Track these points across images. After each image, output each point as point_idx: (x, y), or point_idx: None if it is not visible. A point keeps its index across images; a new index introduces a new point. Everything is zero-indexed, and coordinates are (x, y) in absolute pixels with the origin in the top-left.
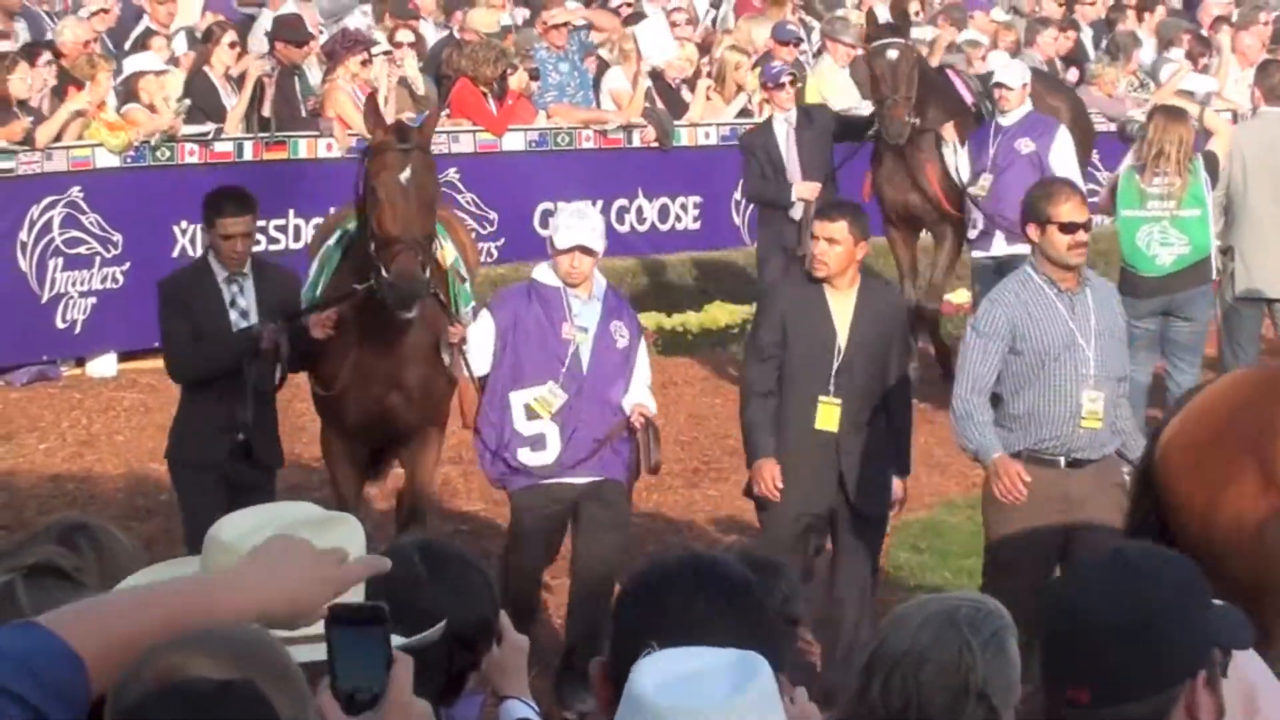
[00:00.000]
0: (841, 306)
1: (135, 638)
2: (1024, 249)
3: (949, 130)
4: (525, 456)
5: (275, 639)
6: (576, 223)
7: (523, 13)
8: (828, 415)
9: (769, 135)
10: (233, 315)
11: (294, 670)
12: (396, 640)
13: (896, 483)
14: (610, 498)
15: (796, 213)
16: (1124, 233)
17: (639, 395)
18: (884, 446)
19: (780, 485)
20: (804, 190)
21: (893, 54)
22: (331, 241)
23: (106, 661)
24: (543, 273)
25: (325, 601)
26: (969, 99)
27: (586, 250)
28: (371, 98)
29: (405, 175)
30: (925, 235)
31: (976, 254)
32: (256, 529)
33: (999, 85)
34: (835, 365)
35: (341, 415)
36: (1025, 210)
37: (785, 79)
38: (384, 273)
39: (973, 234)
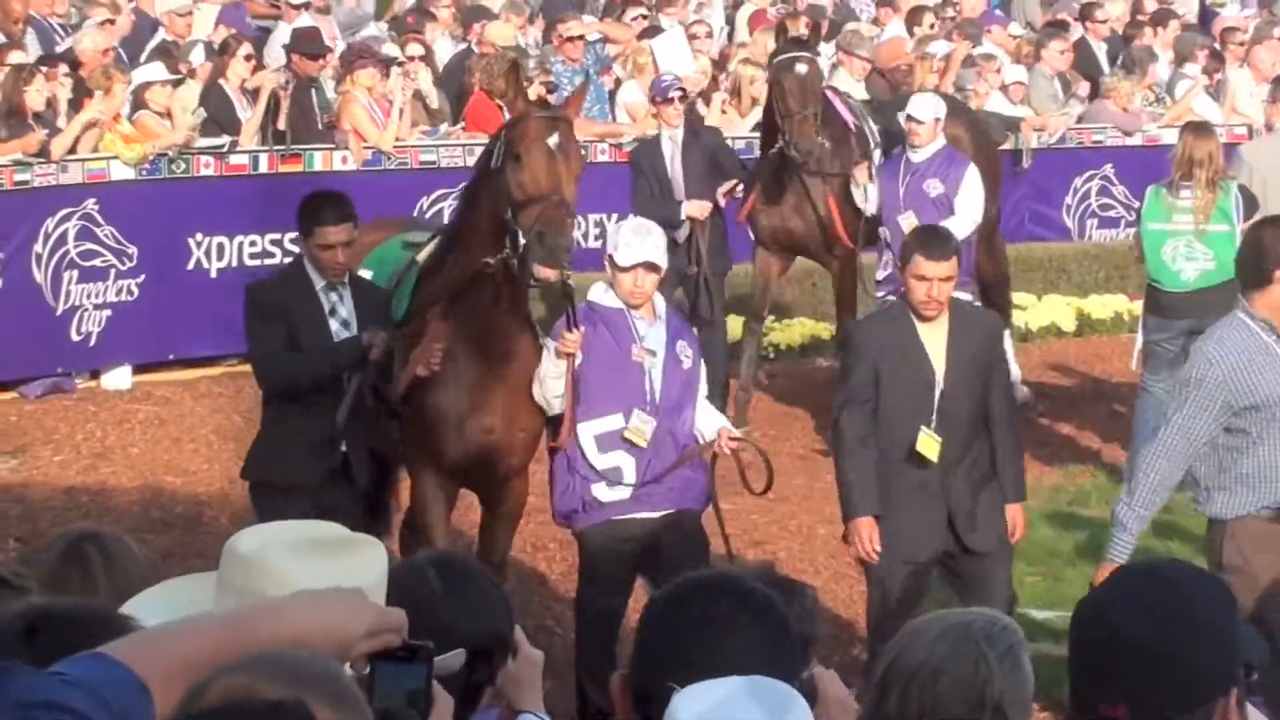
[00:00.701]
0: (935, 338)
1: (192, 664)
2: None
3: (860, 171)
4: (600, 492)
5: (337, 664)
6: (640, 239)
7: (539, 29)
8: (929, 448)
9: (656, 152)
10: (333, 325)
11: (354, 692)
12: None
13: (1011, 509)
14: (689, 529)
15: (682, 234)
16: (1149, 247)
17: (713, 418)
18: (991, 476)
19: (879, 547)
20: (693, 209)
21: (802, 68)
22: (396, 266)
23: (168, 688)
24: (601, 294)
25: (363, 637)
26: (850, 121)
27: (651, 267)
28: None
29: (553, 140)
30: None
31: (882, 294)
32: (275, 542)
33: (910, 119)
34: (936, 402)
35: (439, 451)
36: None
37: (674, 94)
38: (522, 238)
39: (881, 274)
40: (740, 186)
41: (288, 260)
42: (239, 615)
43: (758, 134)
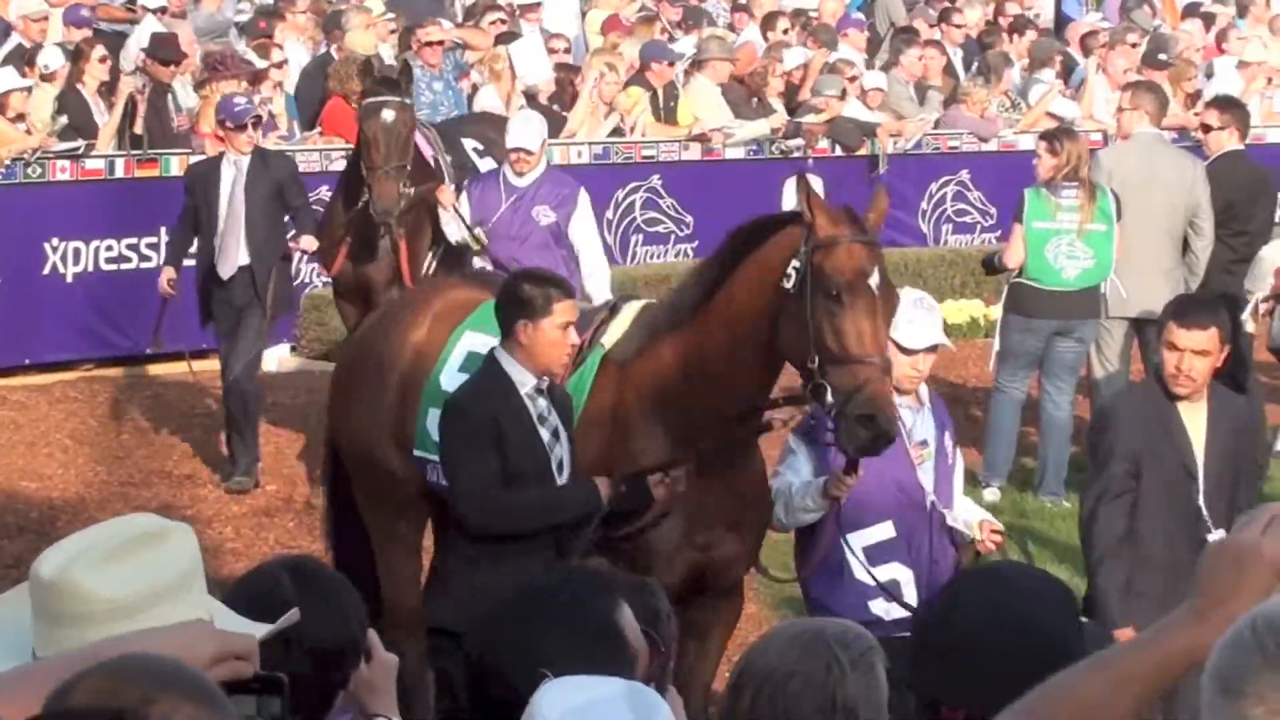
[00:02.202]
0: (1195, 420)
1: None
2: None
3: (446, 195)
4: (879, 609)
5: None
6: (924, 315)
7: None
8: None
9: (213, 176)
10: (544, 435)
11: (219, 692)
12: (259, 628)
13: None
14: None
15: (226, 270)
16: (1032, 245)
17: (970, 509)
18: None
19: None
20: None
21: (389, 115)
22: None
23: None
24: None
25: (209, 665)
26: (428, 153)
27: (934, 350)
28: None
29: (874, 279)
30: None
31: None
32: (75, 559)
33: (518, 150)
34: (1200, 495)
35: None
36: None
37: (249, 119)
38: (839, 397)
39: None
40: (314, 242)
41: (143, 265)
42: (85, 655)
43: (614, 140)
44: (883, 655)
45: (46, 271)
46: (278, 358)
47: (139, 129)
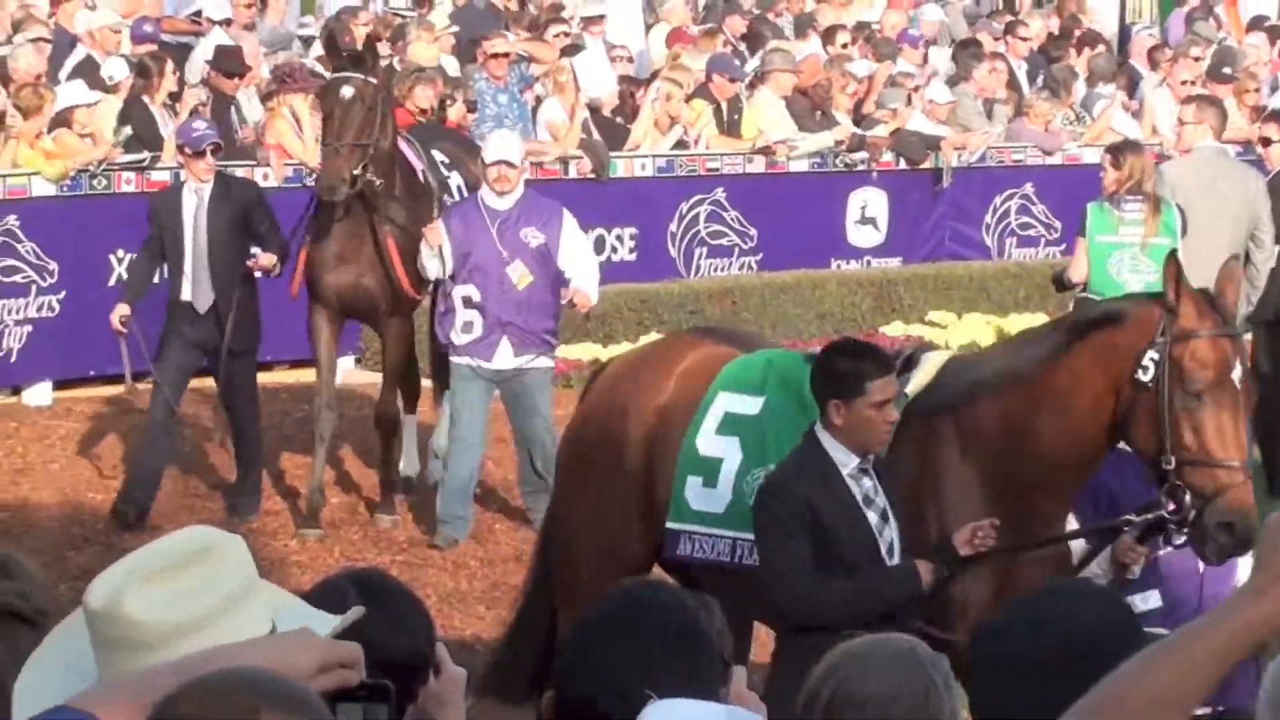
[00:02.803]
0: None
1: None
2: (540, 362)
3: (434, 233)
4: None
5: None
6: None
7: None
8: None
9: (175, 205)
10: (871, 519)
11: (322, 707)
12: (326, 623)
13: None
14: None
15: (203, 303)
16: (1095, 259)
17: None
18: None
19: None
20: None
21: (347, 91)
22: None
23: None
24: None
25: (315, 674)
26: (418, 166)
27: None
28: None
29: (1237, 372)
30: None
31: (472, 361)
32: (121, 588)
33: (500, 163)
34: None
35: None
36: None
37: (207, 146)
38: (1197, 500)
39: (466, 337)
40: (274, 261)
41: None
42: (193, 663)
43: (677, 153)
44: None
45: (112, 283)
46: (342, 370)
47: None
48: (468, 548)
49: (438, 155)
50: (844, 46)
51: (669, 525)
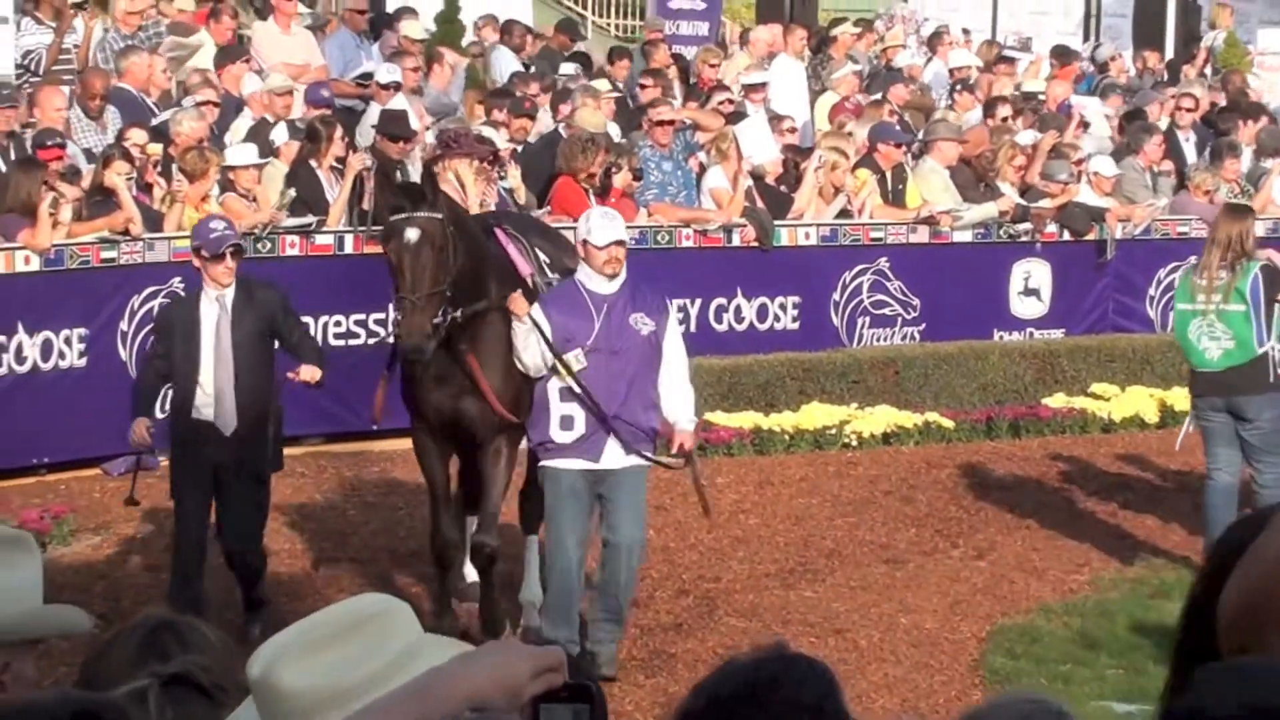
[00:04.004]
0: None
1: None
2: (640, 460)
3: (518, 303)
4: None
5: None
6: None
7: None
8: None
9: (192, 315)
10: None
11: None
12: None
13: None
14: None
15: (227, 425)
16: (1178, 326)
17: None
18: None
19: None
20: (307, 374)
21: (412, 233)
22: None
23: None
24: None
25: (527, 679)
26: (525, 269)
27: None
28: None
29: None
30: None
31: (576, 463)
32: (288, 647)
33: (613, 244)
34: None
35: None
36: None
37: (228, 248)
38: None
39: (567, 435)
40: (318, 374)
41: (370, 341)
42: (417, 687)
43: (841, 221)
44: None
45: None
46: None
47: (367, 205)
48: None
49: (542, 258)
50: (1004, 120)
51: None
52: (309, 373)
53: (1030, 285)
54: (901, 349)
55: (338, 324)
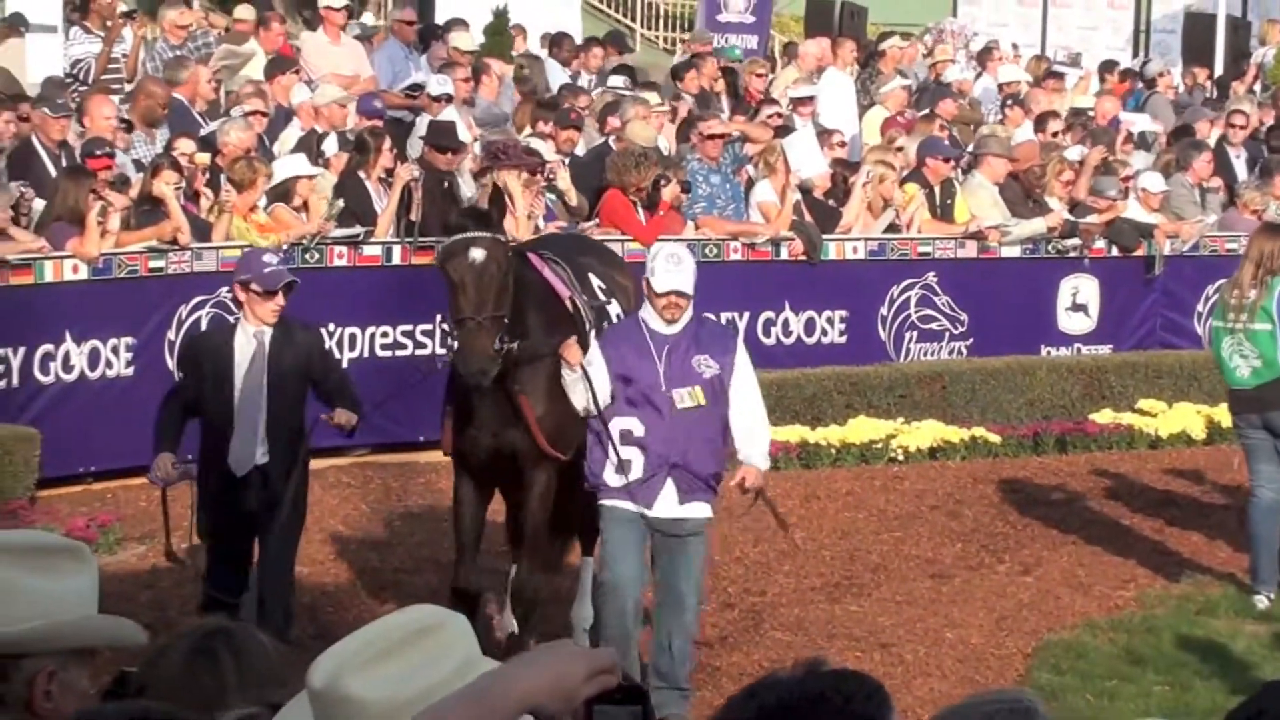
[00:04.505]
0: None
1: None
2: (702, 510)
3: (572, 351)
4: None
5: None
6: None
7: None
8: None
9: (226, 348)
10: None
11: None
12: None
13: None
14: None
15: (241, 466)
16: (1214, 344)
17: None
18: None
19: None
20: (342, 418)
21: (477, 254)
22: None
23: None
24: None
25: (583, 681)
26: (565, 293)
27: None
28: None
29: None
30: None
31: (631, 506)
32: (351, 658)
33: (672, 294)
34: None
35: None
36: None
37: (281, 285)
38: None
39: (622, 478)
40: (355, 419)
41: (418, 352)
42: (475, 690)
43: (889, 235)
44: None
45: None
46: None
47: (414, 216)
48: None
49: (595, 281)
50: (1054, 135)
51: None
52: (344, 417)
53: (1078, 301)
54: (949, 364)
55: (384, 335)
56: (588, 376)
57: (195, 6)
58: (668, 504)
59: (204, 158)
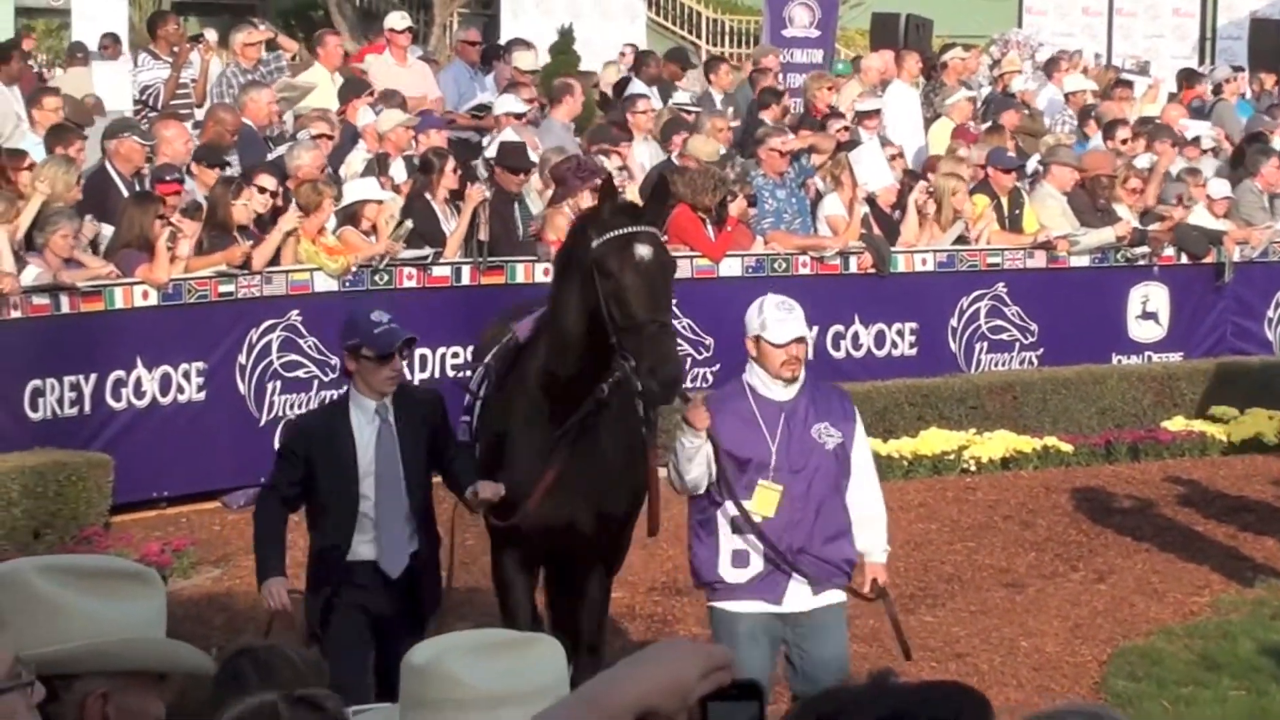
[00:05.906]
0: None
1: None
2: (836, 596)
3: (699, 415)
4: None
5: None
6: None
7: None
8: None
9: (342, 429)
10: None
11: None
12: None
13: None
14: None
15: (395, 566)
16: None
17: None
18: None
19: None
20: (487, 491)
21: (645, 250)
22: None
23: None
24: None
25: (698, 679)
26: None
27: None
28: None
29: None
30: None
31: (754, 607)
32: (449, 649)
33: (794, 343)
34: None
35: None
36: None
37: (398, 345)
38: None
39: (740, 574)
40: (502, 490)
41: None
42: (587, 694)
43: (958, 248)
44: None
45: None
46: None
47: (483, 236)
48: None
49: None
50: (1124, 143)
51: None
52: (491, 490)
53: (1148, 309)
54: (1020, 374)
55: (455, 355)
56: (713, 443)
57: (261, 28)
58: (799, 597)
59: (272, 181)
